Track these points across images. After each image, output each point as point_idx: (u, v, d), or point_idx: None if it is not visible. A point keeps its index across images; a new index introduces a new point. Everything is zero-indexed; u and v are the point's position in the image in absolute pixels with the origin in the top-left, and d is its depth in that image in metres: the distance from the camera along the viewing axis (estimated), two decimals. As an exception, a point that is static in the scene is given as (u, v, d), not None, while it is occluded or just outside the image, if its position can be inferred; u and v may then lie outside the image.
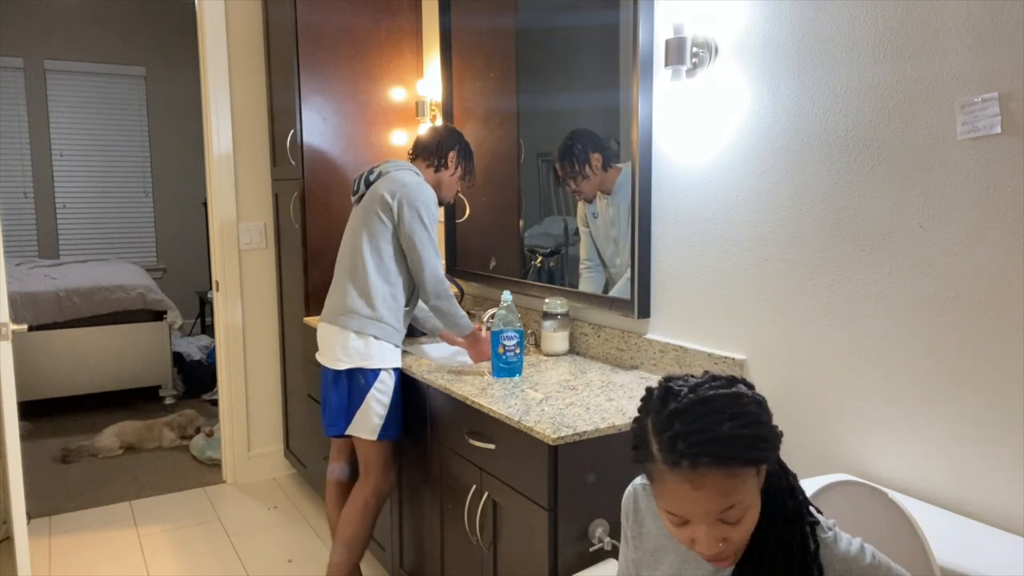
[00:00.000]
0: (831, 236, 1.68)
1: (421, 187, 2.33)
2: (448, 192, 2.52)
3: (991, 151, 1.37)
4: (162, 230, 6.76)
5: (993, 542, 1.33)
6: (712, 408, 0.98)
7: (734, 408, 0.98)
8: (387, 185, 2.33)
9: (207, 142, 3.52)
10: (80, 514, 3.36)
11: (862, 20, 1.57)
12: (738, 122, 1.88)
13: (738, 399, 0.99)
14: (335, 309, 2.35)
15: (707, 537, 0.98)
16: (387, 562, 2.65)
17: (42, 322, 4.53)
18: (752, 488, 0.98)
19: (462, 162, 2.50)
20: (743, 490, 0.96)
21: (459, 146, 2.49)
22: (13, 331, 2.41)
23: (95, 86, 6.41)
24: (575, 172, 2.43)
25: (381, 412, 2.30)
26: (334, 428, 2.36)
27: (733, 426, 0.96)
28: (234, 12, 3.48)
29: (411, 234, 2.28)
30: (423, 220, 2.29)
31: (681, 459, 0.95)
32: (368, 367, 2.28)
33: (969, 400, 1.44)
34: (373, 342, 2.28)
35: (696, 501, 0.96)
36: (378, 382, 2.29)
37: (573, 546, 1.71)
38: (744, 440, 0.96)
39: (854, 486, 1.36)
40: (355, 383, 2.30)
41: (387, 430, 2.32)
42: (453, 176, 2.49)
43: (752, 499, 0.98)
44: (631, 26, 2.12)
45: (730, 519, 0.97)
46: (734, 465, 0.95)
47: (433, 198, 2.34)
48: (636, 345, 2.25)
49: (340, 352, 2.31)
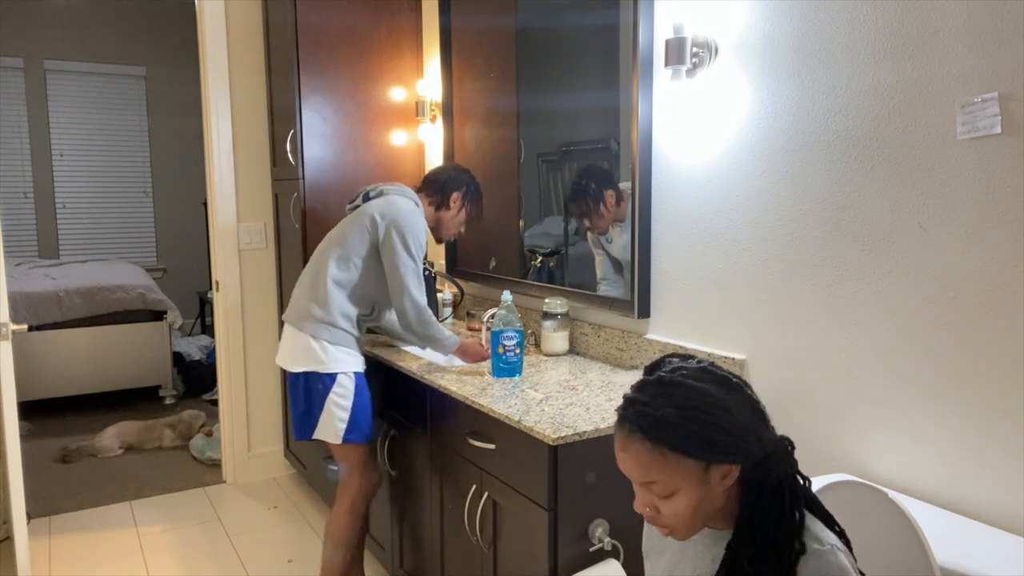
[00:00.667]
0: (831, 236, 1.68)
1: (414, 215, 2.33)
2: (446, 232, 2.52)
3: (991, 151, 1.37)
4: (162, 230, 6.76)
5: (993, 542, 1.33)
6: (669, 392, 1.04)
7: (690, 401, 1.03)
8: (381, 206, 2.34)
9: (207, 142, 3.52)
10: (80, 514, 3.36)
11: (862, 20, 1.57)
12: (738, 122, 1.88)
13: (701, 395, 1.03)
14: (294, 311, 2.35)
15: (639, 497, 1.09)
16: (387, 562, 2.64)
17: (42, 322, 4.54)
18: (685, 476, 1.02)
19: (467, 205, 2.50)
20: (668, 472, 1.03)
21: (465, 188, 2.49)
22: (13, 331, 2.41)
23: (95, 86, 6.41)
24: (590, 211, 2.41)
25: (343, 416, 2.29)
26: (300, 434, 2.36)
27: (674, 414, 1.02)
28: (234, 12, 3.48)
29: (395, 260, 2.28)
30: (409, 248, 2.29)
31: (623, 420, 1.06)
32: (324, 371, 2.28)
33: (969, 400, 1.44)
34: (328, 347, 2.28)
35: (623, 461, 1.07)
36: (336, 386, 2.29)
37: (573, 546, 1.71)
38: (679, 430, 1.01)
39: (854, 486, 1.36)
40: (313, 388, 2.30)
41: (352, 433, 2.31)
42: (455, 218, 2.49)
43: (684, 486, 1.03)
44: (631, 26, 2.12)
45: (656, 492, 1.05)
46: (660, 446, 1.02)
47: (423, 229, 2.35)
48: (636, 345, 2.25)
49: (295, 355, 2.31)
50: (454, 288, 3.09)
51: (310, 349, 2.29)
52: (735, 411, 1.04)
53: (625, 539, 1.73)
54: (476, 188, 2.54)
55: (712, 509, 1.06)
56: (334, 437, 2.31)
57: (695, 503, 1.04)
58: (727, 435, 1.02)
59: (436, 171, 2.56)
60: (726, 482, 1.04)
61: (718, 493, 1.05)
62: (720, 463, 1.03)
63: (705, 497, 1.04)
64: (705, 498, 1.04)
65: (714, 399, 1.03)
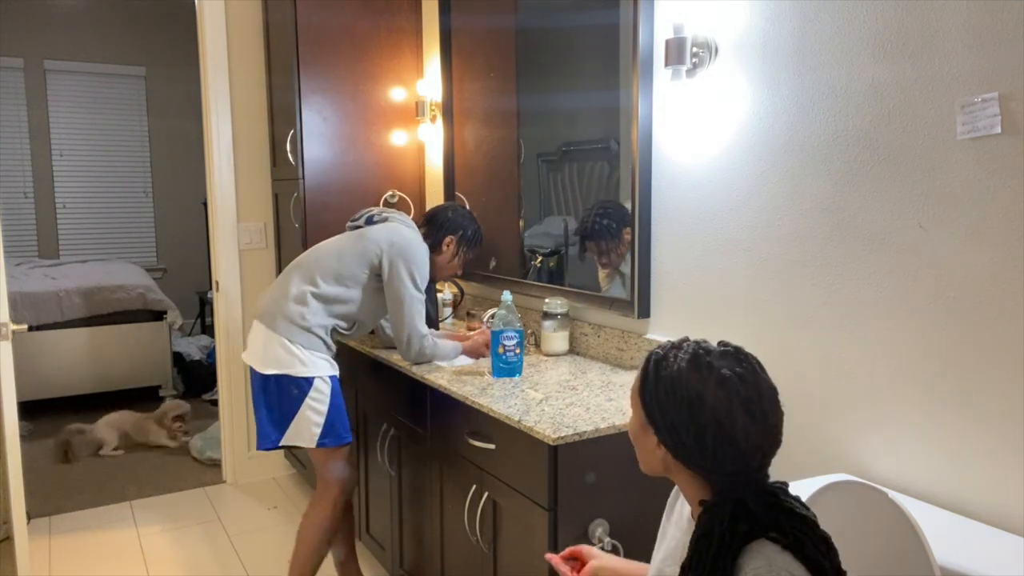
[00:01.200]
0: (831, 236, 1.68)
1: (421, 247, 2.35)
2: (440, 273, 2.53)
3: (991, 151, 1.37)
4: (162, 230, 6.76)
5: (993, 542, 1.33)
6: (695, 364, 1.07)
7: (678, 380, 1.07)
8: (387, 234, 2.32)
9: (207, 142, 3.52)
10: (80, 514, 3.36)
11: (862, 20, 1.57)
12: (738, 122, 1.88)
13: (690, 377, 1.06)
14: (270, 311, 2.28)
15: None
16: (387, 562, 2.64)
17: (42, 322, 4.53)
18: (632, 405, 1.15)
19: (461, 250, 2.49)
20: (632, 393, 1.15)
21: (461, 232, 2.48)
22: (13, 331, 2.41)
23: (95, 86, 6.41)
24: (609, 249, 2.35)
25: (318, 420, 2.25)
26: (268, 441, 2.28)
27: (671, 375, 1.08)
28: (234, 12, 3.48)
29: (401, 292, 2.27)
30: (416, 280, 2.29)
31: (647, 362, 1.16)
32: (300, 375, 2.23)
33: (969, 399, 1.44)
34: (304, 351, 2.24)
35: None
36: (312, 390, 2.24)
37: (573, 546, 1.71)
38: (660, 388, 1.08)
39: (854, 486, 1.36)
40: (286, 393, 2.23)
41: (326, 437, 2.27)
42: (449, 262, 2.50)
43: (632, 410, 1.15)
44: (631, 26, 2.12)
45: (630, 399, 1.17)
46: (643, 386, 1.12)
47: (425, 257, 2.34)
48: (636, 345, 2.25)
49: (268, 356, 2.25)
50: (454, 288, 3.09)
51: (284, 350, 2.23)
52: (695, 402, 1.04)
53: (625, 539, 1.73)
54: (474, 233, 2.52)
55: (653, 465, 1.14)
56: (308, 442, 2.25)
57: (632, 432, 1.16)
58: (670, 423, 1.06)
59: (437, 209, 2.54)
60: (660, 451, 1.11)
61: (653, 454, 1.12)
62: (655, 434, 1.10)
63: (640, 442, 1.14)
64: (640, 442, 1.14)
65: (695, 384, 1.05)
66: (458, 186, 3.15)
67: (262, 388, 2.27)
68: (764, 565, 0.96)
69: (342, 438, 2.31)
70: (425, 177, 3.48)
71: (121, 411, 4.23)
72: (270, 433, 2.27)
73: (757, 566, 0.96)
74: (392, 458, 2.50)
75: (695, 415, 1.04)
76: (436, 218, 2.50)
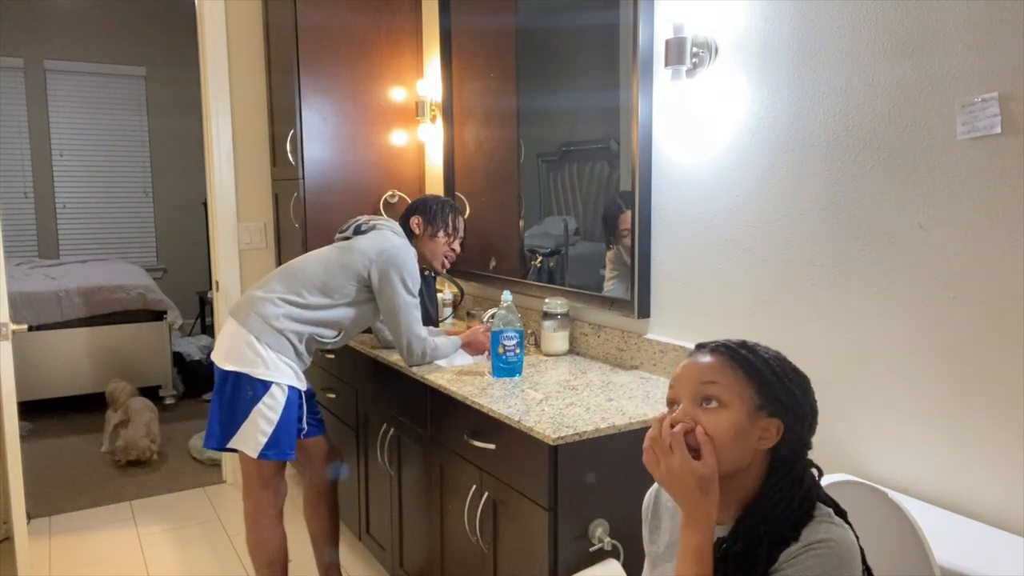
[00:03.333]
0: (831, 236, 1.68)
1: (408, 251, 2.32)
2: (434, 259, 2.49)
3: (991, 151, 1.37)
4: (162, 230, 6.76)
5: (993, 542, 1.33)
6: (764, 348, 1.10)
7: (779, 358, 1.09)
8: (374, 244, 2.29)
9: (207, 142, 3.52)
10: (80, 514, 3.36)
11: (862, 20, 1.57)
12: (738, 122, 1.88)
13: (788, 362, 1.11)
14: (244, 306, 2.23)
15: (679, 411, 1.06)
16: (387, 562, 2.64)
17: (42, 322, 4.54)
18: (742, 398, 1.04)
19: (431, 225, 2.44)
20: (730, 384, 1.05)
21: (425, 208, 2.46)
22: (13, 331, 2.41)
23: (95, 86, 6.41)
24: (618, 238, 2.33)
25: (266, 429, 2.15)
26: (213, 439, 2.21)
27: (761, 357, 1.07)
28: (234, 12, 3.48)
29: (395, 300, 2.25)
30: (408, 286, 2.27)
31: (705, 347, 1.11)
32: (257, 377, 2.14)
33: (969, 400, 1.44)
34: (269, 352, 2.16)
35: (687, 368, 1.09)
36: (267, 396, 2.15)
37: (573, 546, 1.71)
38: (761, 364, 1.06)
39: (854, 486, 1.36)
40: (241, 393, 2.15)
41: (270, 449, 2.17)
42: (429, 242, 2.45)
43: (736, 406, 1.04)
44: (631, 26, 2.12)
45: (708, 393, 1.05)
46: (736, 364, 1.06)
47: (414, 261, 2.32)
48: (636, 345, 2.25)
49: (231, 351, 2.17)
50: (454, 288, 3.09)
51: (249, 348, 2.15)
52: (808, 389, 1.09)
53: (625, 539, 1.73)
54: (441, 205, 2.48)
55: (737, 463, 1.04)
56: (251, 450, 2.17)
57: (736, 428, 1.02)
58: (794, 396, 1.06)
59: (411, 203, 2.55)
60: (763, 441, 1.04)
61: (750, 446, 1.04)
62: (772, 415, 1.04)
63: (744, 436, 1.03)
64: (743, 437, 1.03)
65: (799, 370, 1.10)
66: (458, 186, 3.15)
67: (220, 384, 2.19)
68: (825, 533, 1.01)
69: (285, 454, 2.22)
70: (425, 177, 3.48)
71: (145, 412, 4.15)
72: (216, 432, 2.21)
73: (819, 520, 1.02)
74: (392, 458, 2.50)
75: (808, 389, 1.08)
76: (403, 215, 2.49)
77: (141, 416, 3.96)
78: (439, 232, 2.46)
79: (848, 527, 1.05)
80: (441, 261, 2.51)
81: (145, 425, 3.94)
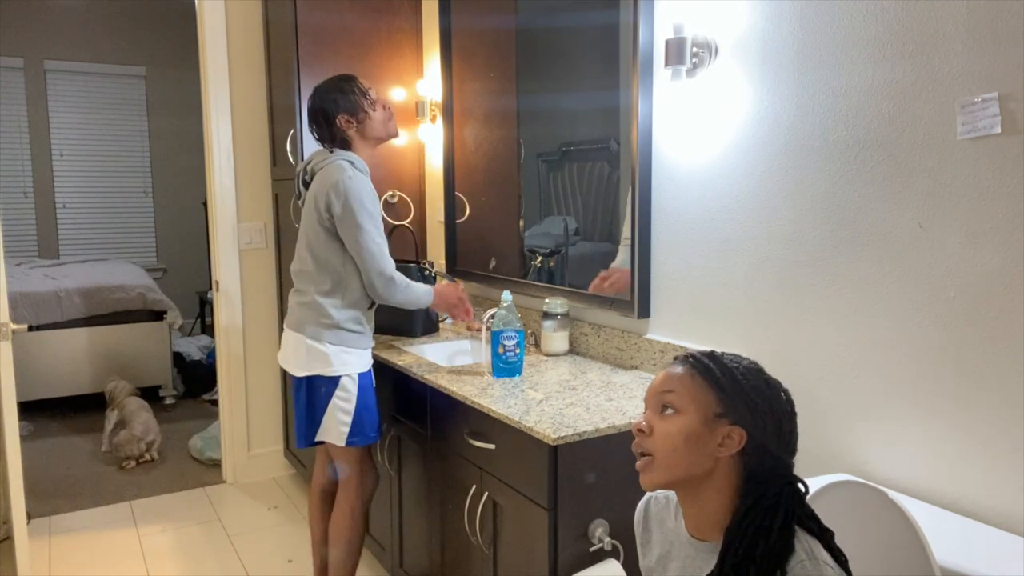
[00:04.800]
0: (831, 236, 1.68)
1: (352, 178, 2.16)
2: (382, 134, 2.29)
3: (991, 151, 1.37)
4: (162, 230, 6.76)
5: (993, 542, 1.33)
6: (736, 359, 1.12)
7: (750, 370, 1.10)
8: (319, 186, 2.21)
9: (207, 142, 3.52)
10: (80, 514, 3.36)
11: (862, 20, 1.57)
12: (738, 122, 1.88)
13: (758, 370, 1.12)
14: (292, 314, 2.30)
15: (642, 416, 1.14)
16: (387, 562, 2.65)
17: (42, 322, 4.53)
18: (697, 404, 1.08)
19: (353, 115, 2.24)
20: (687, 391, 1.09)
21: (331, 106, 2.23)
22: (13, 331, 2.41)
23: (95, 86, 6.41)
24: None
25: (346, 419, 2.24)
26: (302, 439, 2.31)
27: (729, 366, 1.10)
28: (234, 12, 3.48)
29: (354, 234, 2.17)
30: (357, 218, 2.15)
31: (683, 360, 1.14)
32: (326, 375, 2.23)
33: (969, 399, 1.44)
34: (331, 348, 2.22)
35: (658, 378, 1.14)
36: (339, 390, 2.23)
37: (573, 546, 1.71)
38: (724, 371, 1.09)
39: (854, 486, 1.36)
40: (316, 392, 2.25)
41: (355, 436, 2.26)
42: (368, 124, 2.26)
43: (690, 412, 1.08)
44: (631, 26, 2.12)
45: (664, 402, 1.11)
46: (698, 373, 1.10)
47: (364, 187, 2.17)
48: (636, 345, 2.25)
49: (298, 358, 2.26)
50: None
51: (312, 352, 2.23)
52: (775, 399, 1.09)
53: (625, 539, 1.73)
54: (340, 86, 2.25)
55: (695, 469, 1.08)
56: (337, 439, 2.27)
57: (687, 434, 1.07)
58: (754, 404, 1.06)
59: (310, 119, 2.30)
60: (723, 448, 1.06)
61: (708, 452, 1.07)
62: (734, 423, 1.06)
63: (697, 441, 1.07)
64: (697, 442, 1.07)
65: (770, 380, 1.11)
66: (458, 186, 3.15)
67: (296, 389, 2.31)
68: (804, 554, 1.00)
69: (370, 438, 2.31)
70: (425, 177, 3.48)
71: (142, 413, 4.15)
72: (303, 431, 2.31)
73: (800, 559, 1.00)
74: (392, 458, 2.50)
75: (774, 399, 1.08)
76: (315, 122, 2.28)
77: (138, 416, 3.97)
78: (361, 110, 2.25)
79: (830, 557, 1.03)
80: (389, 131, 2.32)
81: (143, 424, 3.94)
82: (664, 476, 1.09)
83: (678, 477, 1.09)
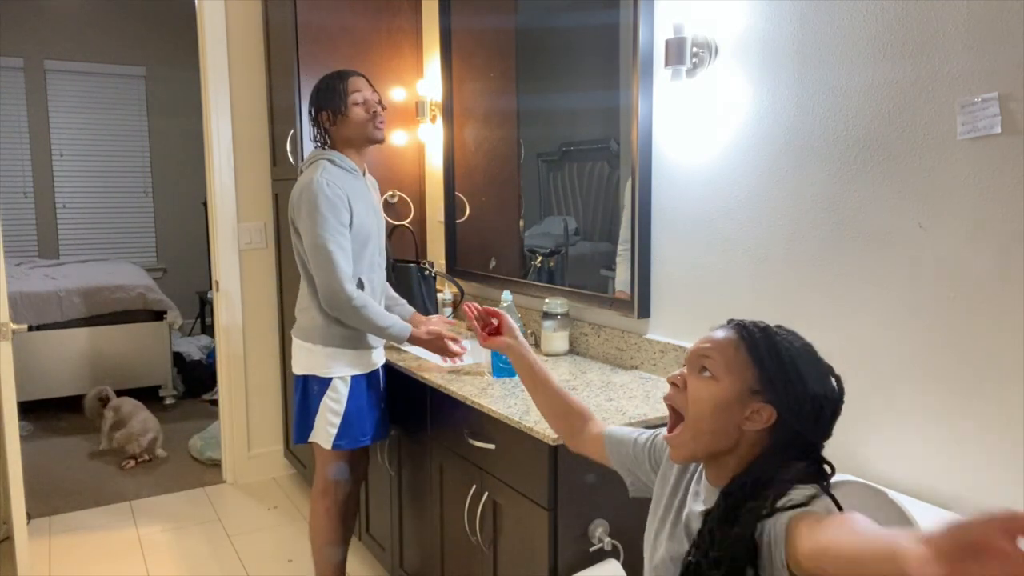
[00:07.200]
0: (831, 236, 1.68)
1: (309, 185, 2.10)
2: (364, 133, 2.21)
3: (991, 151, 1.37)
4: (162, 230, 6.76)
5: (993, 542, 1.33)
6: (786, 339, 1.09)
7: (804, 349, 1.09)
8: (292, 195, 2.21)
9: (207, 142, 3.52)
10: (80, 514, 3.36)
11: (862, 20, 1.57)
12: (738, 122, 1.88)
13: (811, 350, 1.10)
14: (296, 320, 2.35)
15: (679, 373, 1.13)
16: (387, 562, 2.64)
17: (42, 322, 4.53)
18: (734, 376, 1.06)
19: (332, 110, 2.20)
20: (726, 361, 1.07)
21: (313, 103, 2.25)
22: (13, 331, 2.41)
23: (95, 86, 6.41)
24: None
25: (334, 421, 2.24)
26: (296, 437, 2.34)
27: (787, 347, 1.07)
28: (234, 12, 3.48)
29: (305, 239, 2.14)
30: (307, 221, 2.10)
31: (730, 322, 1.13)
32: (319, 375, 2.25)
33: (969, 399, 1.44)
34: (321, 349, 2.24)
35: (701, 341, 1.12)
36: (329, 390, 2.24)
37: (573, 546, 1.71)
38: (770, 348, 1.06)
39: (854, 486, 1.36)
40: (309, 391, 2.28)
41: (341, 439, 2.25)
42: (350, 119, 2.20)
43: (726, 383, 1.07)
44: (631, 26, 2.12)
45: (702, 365, 1.09)
46: (743, 344, 1.07)
47: (331, 189, 2.09)
48: (636, 345, 2.25)
49: (297, 357, 2.31)
50: (454, 288, 3.09)
51: (307, 352, 2.27)
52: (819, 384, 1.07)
53: (625, 539, 1.73)
54: (324, 82, 2.25)
55: (721, 439, 1.07)
56: (324, 441, 2.26)
57: (716, 402, 1.06)
58: (792, 387, 1.04)
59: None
60: (750, 423, 1.05)
61: (734, 424, 1.06)
62: (767, 401, 1.05)
63: (726, 411, 1.06)
64: (725, 412, 1.06)
65: (821, 364, 1.09)
66: (458, 186, 3.15)
67: (295, 389, 2.34)
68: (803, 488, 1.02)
69: (358, 441, 2.29)
70: (425, 177, 3.48)
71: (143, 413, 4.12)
72: (299, 431, 2.32)
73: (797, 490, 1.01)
74: (392, 458, 2.50)
75: (819, 384, 1.06)
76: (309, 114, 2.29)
77: (135, 415, 3.98)
78: (343, 104, 2.20)
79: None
80: (368, 134, 2.23)
81: (141, 423, 3.94)
82: (691, 447, 1.10)
83: (704, 446, 1.09)
